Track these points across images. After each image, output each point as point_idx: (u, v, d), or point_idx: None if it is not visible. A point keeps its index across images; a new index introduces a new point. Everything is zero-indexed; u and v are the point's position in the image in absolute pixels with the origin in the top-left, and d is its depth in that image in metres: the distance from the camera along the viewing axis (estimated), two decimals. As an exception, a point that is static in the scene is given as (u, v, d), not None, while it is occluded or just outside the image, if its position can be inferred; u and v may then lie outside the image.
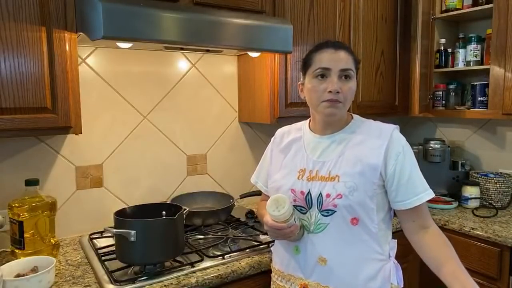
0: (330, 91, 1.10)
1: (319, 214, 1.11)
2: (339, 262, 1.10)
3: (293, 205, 1.15)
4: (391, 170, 1.08)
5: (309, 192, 1.13)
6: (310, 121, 1.27)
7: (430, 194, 1.11)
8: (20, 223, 1.33)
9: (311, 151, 1.19)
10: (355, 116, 1.23)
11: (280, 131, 1.34)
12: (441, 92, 2.27)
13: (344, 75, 1.12)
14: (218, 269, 1.32)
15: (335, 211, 1.09)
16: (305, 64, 1.18)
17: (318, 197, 1.11)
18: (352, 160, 1.11)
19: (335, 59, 1.11)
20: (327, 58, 1.12)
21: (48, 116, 1.28)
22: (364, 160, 1.09)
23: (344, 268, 1.09)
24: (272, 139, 1.35)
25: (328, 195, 1.09)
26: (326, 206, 1.10)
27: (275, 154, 1.30)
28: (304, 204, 1.14)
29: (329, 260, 1.10)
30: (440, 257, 1.08)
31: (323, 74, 1.12)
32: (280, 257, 1.23)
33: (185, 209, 1.37)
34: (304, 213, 1.14)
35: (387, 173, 1.09)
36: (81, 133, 1.38)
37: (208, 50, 1.79)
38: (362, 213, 1.08)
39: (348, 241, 1.09)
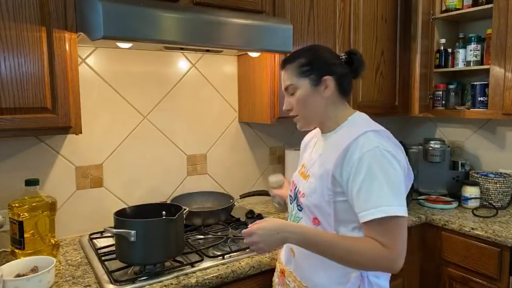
0: None
1: (296, 207, 1.19)
2: (303, 256, 1.14)
3: (289, 194, 1.27)
4: (345, 178, 1.01)
5: (296, 186, 1.20)
6: None
7: (381, 213, 0.95)
8: (20, 223, 1.33)
9: (315, 149, 1.23)
10: (352, 117, 1.15)
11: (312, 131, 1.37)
12: (441, 92, 2.27)
13: (289, 91, 1.15)
14: (218, 269, 1.32)
15: (303, 208, 1.15)
16: None
17: (298, 192, 1.18)
18: (320, 162, 1.13)
19: (282, 80, 1.18)
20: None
21: (48, 116, 1.28)
22: (324, 164, 1.09)
23: (307, 264, 1.13)
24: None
25: (299, 192, 1.17)
26: (299, 202, 1.17)
27: (301, 149, 1.36)
28: (292, 195, 1.22)
29: (296, 253, 1.17)
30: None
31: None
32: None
33: (185, 209, 1.37)
34: (291, 204, 1.24)
35: (343, 180, 1.02)
36: (81, 133, 1.38)
37: (208, 50, 1.79)
38: (319, 216, 1.10)
39: None
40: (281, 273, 1.25)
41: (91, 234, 1.60)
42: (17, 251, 1.36)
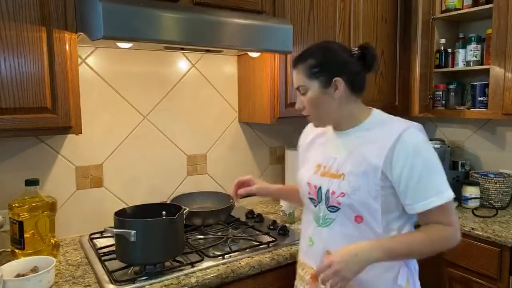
0: None
1: (326, 209, 1.13)
2: None
3: (308, 198, 1.19)
4: (397, 172, 1.04)
5: (320, 187, 1.15)
6: None
7: (443, 198, 1.04)
8: (20, 223, 1.34)
9: (329, 147, 1.19)
10: (375, 112, 1.17)
11: (309, 125, 1.34)
12: (441, 92, 2.27)
13: (300, 91, 1.15)
14: (218, 269, 1.32)
15: (339, 208, 1.10)
16: None
17: (326, 193, 1.13)
18: (359, 159, 1.09)
19: (294, 79, 1.16)
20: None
21: (48, 116, 1.28)
22: (368, 160, 1.08)
23: None
24: (302, 133, 1.35)
25: (333, 192, 1.11)
26: (332, 203, 1.11)
27: (302, 150, 1.32)
28: (316, 198, 1.16)
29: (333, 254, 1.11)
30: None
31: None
32: (301, 247, 1.26)
33: (185, 209, 1.37)
34: (315, 206, 1.17)
35: (393, 175, 1.05)
36: (81, 133, 1.38)
37: (208, 50, 1.79)
38: (365, 212, 1.08)
39: (354, 237, 1.09)
40: (314, 278, 1.15)
41: (91, 234, 1.60)
42: (17, 251, 1.36)
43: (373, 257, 1.00)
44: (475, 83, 2.12)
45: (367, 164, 1.07)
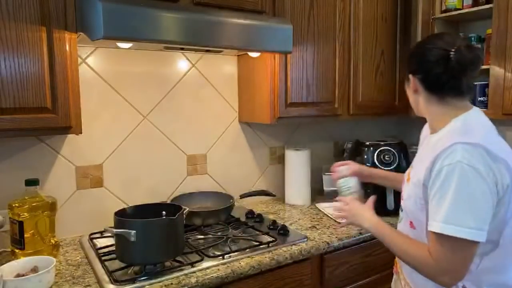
0: None
1: (401, 207, 1.21)
2: None
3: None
4: (429, 187, 1.02)
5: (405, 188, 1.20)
6: None
7: (439, 228, 0.94)
8: (20, 223, 1.34)
9: (422, 150, 1.22)
10: (460, 117, 1.06)
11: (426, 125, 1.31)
12: (441, 92, 2.27)
13: None
14: (218, 269, 1.32)
15: (403, 210, 1.19)
16: None
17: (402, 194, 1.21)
18: (420, 168, 1.07)
19: None
20: None
21: (48, 116, 1.28)
22: (417, 173, 1.08)
23: None
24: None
25: (402, 194, 1.20)
26: (401, 203, 1.20)
27: (420, 145, 1.33)
28: None
29: None
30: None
31: None
32: None
33: (185, 209, 1.37)
34: None
35: (429, 189, 1.02)
36: (81, 133, 1.38)
37: (208, 50, 1.79)
38: (414, 221, 1.11)
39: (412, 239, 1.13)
40: (396, 263, 1.28)
41: (91, 234, 1.60)
42: (17, 251, 1.36)
43: (361, 221, 1.22)
44: (475, 83, 2.12)
45: (417, 177, 1.07)
